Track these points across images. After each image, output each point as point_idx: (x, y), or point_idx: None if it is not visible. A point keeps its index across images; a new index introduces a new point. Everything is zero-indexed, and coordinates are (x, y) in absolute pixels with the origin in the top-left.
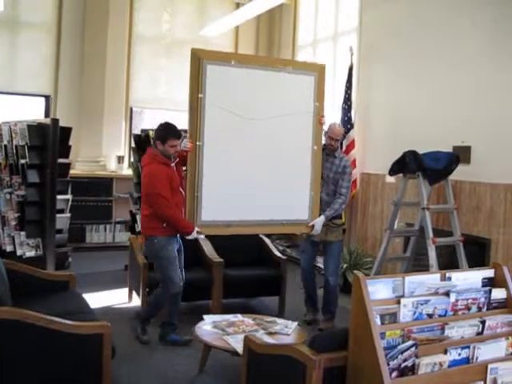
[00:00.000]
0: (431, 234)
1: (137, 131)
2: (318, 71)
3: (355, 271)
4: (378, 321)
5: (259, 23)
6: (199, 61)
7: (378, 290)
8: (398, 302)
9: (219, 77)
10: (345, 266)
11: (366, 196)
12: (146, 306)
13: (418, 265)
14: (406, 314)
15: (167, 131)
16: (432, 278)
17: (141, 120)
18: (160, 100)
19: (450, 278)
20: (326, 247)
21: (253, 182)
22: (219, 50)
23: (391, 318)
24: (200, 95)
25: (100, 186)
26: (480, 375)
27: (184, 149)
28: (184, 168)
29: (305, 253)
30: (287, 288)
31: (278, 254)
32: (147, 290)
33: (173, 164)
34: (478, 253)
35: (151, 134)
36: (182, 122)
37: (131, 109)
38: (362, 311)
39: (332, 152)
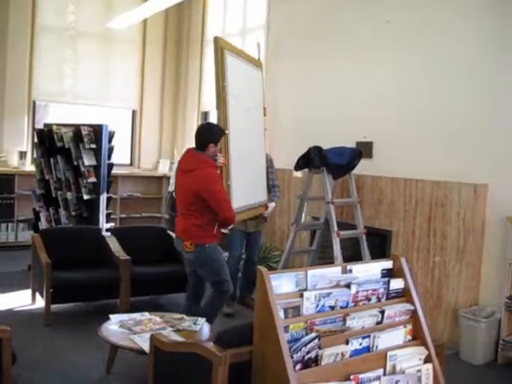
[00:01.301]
0: (336, 227)
1: (40, 126)
2: (261, 67)
3: (259, 266)
4: (282, 314)
5: (168, 17)
6: (221, 50)
7: (282, 284)
8: (301, 296)
9: (231, 66)
10: None
11: None
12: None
13: (324, 257)
14: (308, 306)
15: (220, 132)
16: (334, 271)
17: (46, 114)
18: (65, 93)
19: (350, 271)
20: (254, 236)
21: (250, 167)
22: (127, 43)
23: (295, 311)
24: (224, 84)
25: (1, 182)
26: (380, 363)
27: (218, 164)
28: None
29: (238, 243)
30: None
31: None
32: (51, 290)
33: None
34: (380, 244)
35: (55, 128)
36: (87, 116)
37: (34, 102)
38: (266, 305)
39: None
